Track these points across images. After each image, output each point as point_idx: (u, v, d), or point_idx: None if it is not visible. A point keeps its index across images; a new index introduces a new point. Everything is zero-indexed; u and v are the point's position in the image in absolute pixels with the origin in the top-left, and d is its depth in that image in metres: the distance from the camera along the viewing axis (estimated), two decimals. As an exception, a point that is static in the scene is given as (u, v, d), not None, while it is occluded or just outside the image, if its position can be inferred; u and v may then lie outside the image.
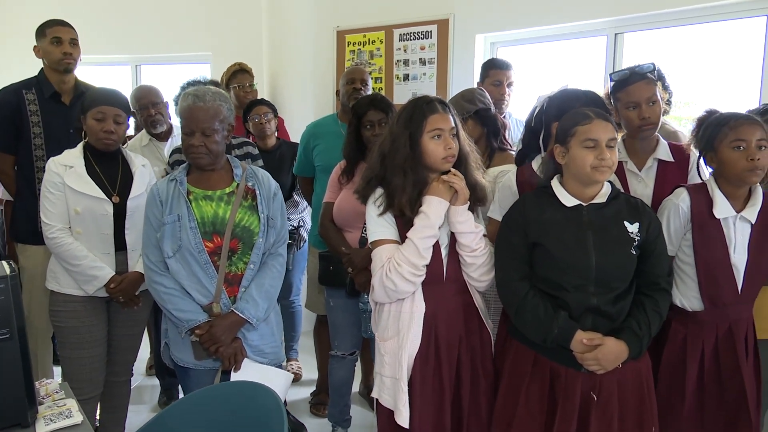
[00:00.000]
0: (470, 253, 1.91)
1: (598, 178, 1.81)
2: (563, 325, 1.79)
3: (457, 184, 1.88)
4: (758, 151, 1.87)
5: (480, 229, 1.93)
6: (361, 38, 4.32)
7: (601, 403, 1.79)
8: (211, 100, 2.09)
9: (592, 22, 3.33)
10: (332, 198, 2.60)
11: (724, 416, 1.99)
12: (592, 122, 1.80)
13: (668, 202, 1.99)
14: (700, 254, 1.95)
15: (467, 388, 1.94)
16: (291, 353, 3.73)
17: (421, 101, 1.95)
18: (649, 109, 2.11)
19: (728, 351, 1.98)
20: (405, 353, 1.90)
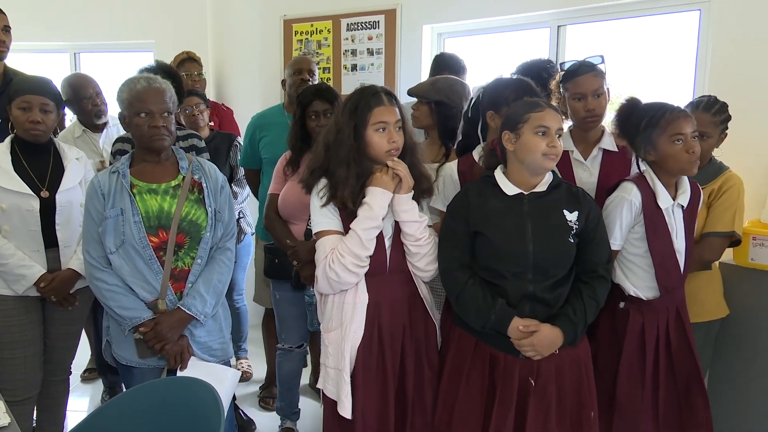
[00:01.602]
0: (415, 242, 1.92)
1: (548, 166, 1.85)
2: (501, 312, 1.83)
3: (401, 171, 1.89)
4: (694, 142, 1.95)
5: (424, 218, 1.94)
6: (308, 27, 4.27)
7: (539, 388, 1.84)
8: (163, 82, 2.07)
9: (536, 14, 3.39)
10: (277, 189, 2.57)
11: (679, 392, 2.07)
12: (544, 110, 1.84)
13: (618, 197, 2.02)
14: (653, 245, 2.02)
15: (411, 378, 1.95)
16: (240, 353, 3.68)
17: (367, 92, 1.93)
18: (594, 101, 2.16)
19: (678, 331, 2.07)
20: (348, 344, 1.90)
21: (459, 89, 2.43)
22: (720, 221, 2.22)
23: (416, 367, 1.96)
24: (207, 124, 3.36)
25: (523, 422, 1.83)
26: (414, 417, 1.95)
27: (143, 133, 2.03)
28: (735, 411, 2.42)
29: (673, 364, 2.06)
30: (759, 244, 2.31)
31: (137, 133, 2.05)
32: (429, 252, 1.94)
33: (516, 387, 1.84)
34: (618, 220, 2.01)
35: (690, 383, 2.07)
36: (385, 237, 1.93)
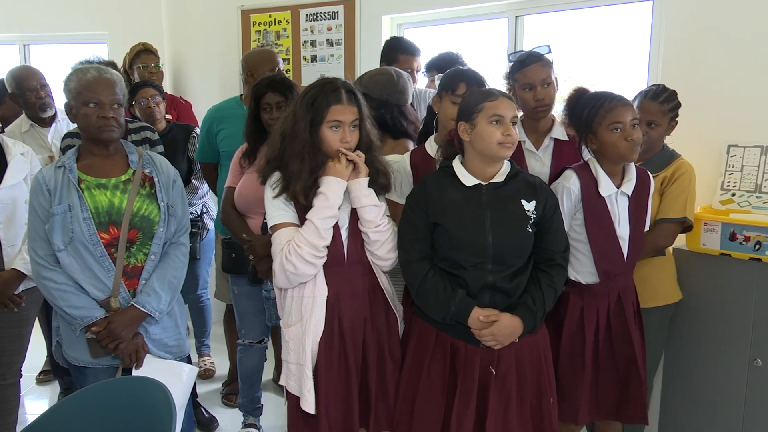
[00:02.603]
0: (374, 228, 1.89)
1: (504, 155, 1.85)
2: (461, 302, 1.84)
3: (355, 157, 1.87)
4: (633, 130, 1.98)
5: (383, 204, 1.93)
6: (266, 18, 4.21)
7: (500, 377, 1.85)
8: (114, 74, 2.02)
9: (494, 4, 3.39)
10: (234, 183, 2.53)
11: (618, 376, 2.11)
12: (498, 99, 1.85)
13: (558, 185, 2.05)
14: (591, 231, 2.04)
15: (374, 371, 1.94)
16: (203, 349, 3.63)
17: (328, 87, 1.89)
18: (543, 90, 2.17)
19: (619, 317, 2.10)
20: (309, 338, 1.88)
21: (380, 79, 2.40)
22: (672, 208, 2.26)
23: (378, 359, 1.95)
24: (164, 116, 3.28)
25: (485, 411, 1.84)
26: (377, 409, 1.94)
27: (91, 124, 1.97)
28: (689, 392, 2.48)
29: (613, 350, 2.10)
30: (710, 229, 2.36)
31: (84, 123, 1.98)
32: (389, 239, 1.93)
33: (477, 376, 1.85)
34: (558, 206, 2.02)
35: (629, 369, 2.11)
36: (341, 228, 1.91)
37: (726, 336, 2.37)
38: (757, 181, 2.50)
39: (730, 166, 2.57)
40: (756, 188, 2.50)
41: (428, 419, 1.88)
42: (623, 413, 2.13)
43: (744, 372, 2.34)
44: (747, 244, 2.28)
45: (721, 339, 2.39)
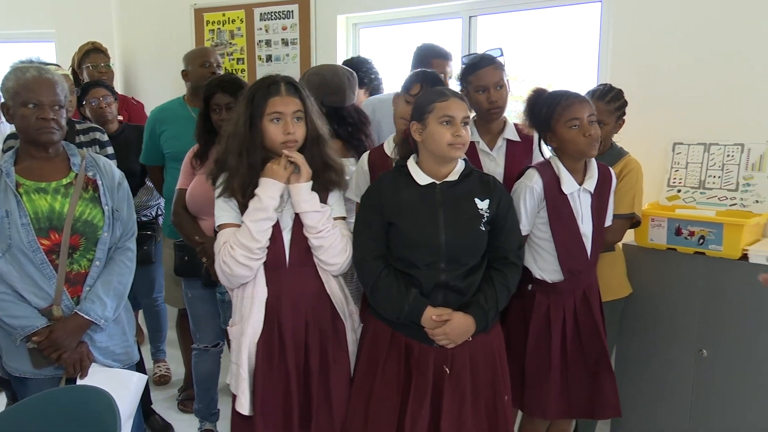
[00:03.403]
0: (316, 234, 1.86)
1: (454, 155, 1.85)
2: (414, 302, 1.83)
3: (297, 160, 1.84)
4: (590, 126, 2.01)
5: (326, 209, 1.89)
6: (220, 17, 4.15)
7: (454, 376, 1.85)
8: (55, 74, 1.96)
9: (448, 4, 3.41)
10: (185, 184, 2.49)
11: (588, 373, 2.14)
12: (448, 100, 1.85)
13: (521, 184, 2.06)
14: (555, 229, 2.07)
15: (316, 376, 1.90)
16: (159, 354, 3.55)
17: (266, 82, 1.89)
18: (496, 92, 2.20)
19: (586, 314, 2.13)
20: (246, 339, 1.87)
21: (314, 81, 2.34)
22: (621, 204, 2.30)
23: (322, 365, 1.91)
24: (116, 117, 3.20)
25: (439, 410, 1.84)
26: (319, 415, 1.91)
27: (30, 126, 1.90)
28: (640, 384, 2.53)
29: (582, 346, 2.13)
30: (657, 225, 2.42)
31: (23, 125, 1.91)
32: (333, 244, 1.89)
33: (431, 376, 1.85)
34: (522, 206, 2.05)
35: (599, 366, 2.14)
36: (283, 230, 1.89)
37: (674, 328, 2.43)
38: (700, 178, 2.57)
39: (676, 163, 2.64)
40: (700, 184, 2.57)
41: (383, 419, 1.87)
42: (597, 410, 2.16)
43: (691, 362, 2.40)
44: (691, 238, 2.34)
45: (669, 331, 2.44)
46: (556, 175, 2.06)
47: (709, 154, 2.57)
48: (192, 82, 2.99)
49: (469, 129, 1.87)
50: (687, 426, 2.44)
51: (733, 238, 2.25)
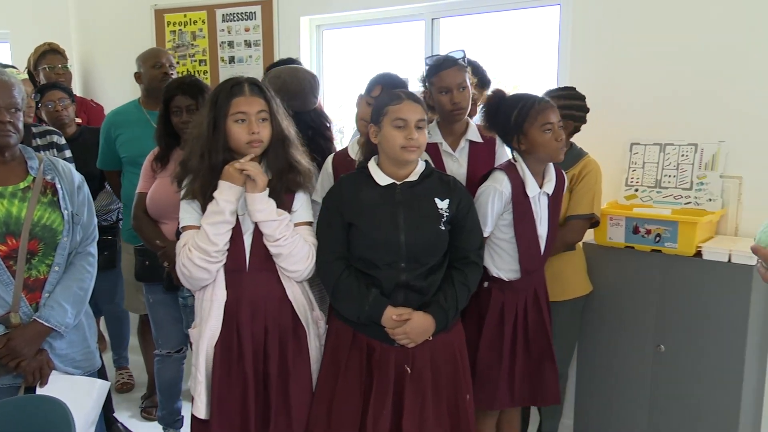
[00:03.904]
0: (273, 243, 1.85)
1: (407, 158, 1.87)
2: (374, 302, 1.85)
3: (249, 170, 1.81)
4: (560, 130, 2.07)
5: (284, 217, 1.86)
6: (181, 18, 4.10)
7: (415, 375, 1.87)
8: (12, 76, 1.91)
9: (411, 6, 3.43)
10: (145, 188, 2.46)
11: (533, 365, 2.21)
12: (402, 102, 1.86)
13: (490, 187, 2.08)
14: (519, 230, 2.11)
15: (275, 383, 1.88)
16: (121, 361, 3.49)
17: (230, 83, 1.89)
18: (459, 94, 2.22)
19: (536, 310, 2.19)
20: (204, 342, 1.86)
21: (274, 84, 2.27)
22: (580, 205, 2.36)
23: (281, 371, 1.89)
24: (73, 120, 3.14)
25: (401, 409, 1.85)
26: (277, 423, 1.89)
27: None
28: (601, 379, 2.60)
29: (528, 341, 2.19)
30: (615, 224, 2.48)
31: None
32: (293, 252, 1.87)
33: (392, 375, 1.87)
34: (489, 208, 2.08)
35: (543, 358, 2.21)
36: (244, 233, 1.88)
37: (633, 324, 2.50)
38: (657, 177, 2.65)
39: (633, 163, 2.71)
40: (656, 184, 2.64)
41: (345, 419, 1.88)
42: (538, 397, 2.23)
43: (649, 357, 2.47)
44: (648, 236, 2.41)
45: (628, 327, 2.51)
46: (520, 177, 2.10)
47: (664, 154, 2.65)
48: (145, 83, 2.96)
49: (426, 132, 1.88)
50: (647, 418, 2.50)
51: (687, 236, 2.32)
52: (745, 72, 2.50)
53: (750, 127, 2.48)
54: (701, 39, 2.58)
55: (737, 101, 2.51)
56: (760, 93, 2.46)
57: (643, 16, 2.71)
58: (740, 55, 2.50)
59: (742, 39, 2.49)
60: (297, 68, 2.54)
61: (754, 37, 2.46)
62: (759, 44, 2.45)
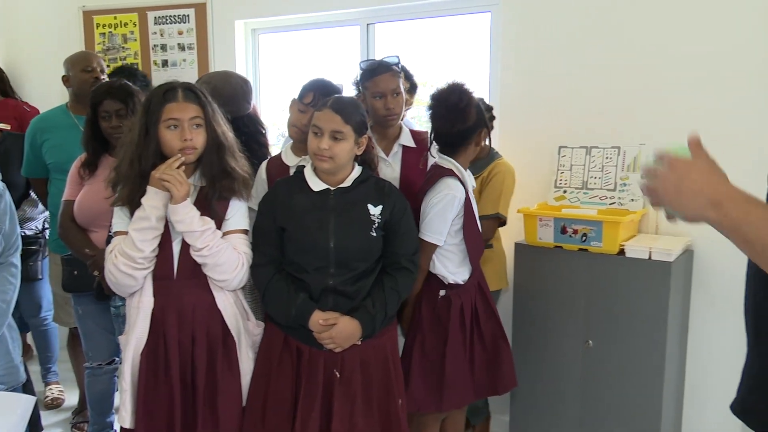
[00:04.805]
0: (197, 252, 1.82)
1: (319, 166, 1.89)
2: (302, 306, 1.86)
3: (168, 180, 1.77)
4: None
5: (208, 227, 1.82)
6: (111, 20, 3.99)
7: (344, 379, 1.88)
8: None
9: (346, 11, 3.45)
10: (72, 195, 2.39)
11: (490, 354, 2.26)
12: (321, 111, 1.88)
13: (447, 196, 2.10)
14: (467, 229, 2.16)
15: (202, 394, 1.84)
16: (50, 376, 3.37)
17: (163, 88, 1.86)
18: (393, 99, 2.26)
19: (482, 300, 2.25)
20: (130, 350, 1.83)
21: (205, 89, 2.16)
22: (487, 206, 2.48)
23: (208, 383, 1.86)
24: None
25: (331, 413, 1.86)
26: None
27: None
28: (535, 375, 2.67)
29: (482, 331, 2.24)
30: (545, 224, 2.56)
31: None
32: (220, 261, 1.83)
33: (321, 379, 1.87)
34: (447, 217, 2.11)
35: (498, 342, 2.27)
36: (174, 240, 1.86)
37: (563, 321, 2.58)
38: (583, 179, 2.75)
39: (561, 165, 2.81)
40: (583, 185, 2.75)
41: (277, 423, 1.87)
42: (499, 385, 2.28)
43: (579, 353, 2.56)
44: (575, 236, 2.50)
45: (558, 324, 2.59)
46: (460, 179, 2.15)
47: (590, 156, 2.76)
48: (74, 87, 2.88)
49: (343, 143, 1.85)
50: (578, 411, 2.60)
51: (611, 235, 2.42)
52: (662, 79, 2.63)
53: (667, 131, 2.61)
54: (624, 48, 2.70)
55: (656, 106, 2.64)
56: (676, 98, 2.60)
57: (571, 26, 2.81)
58: (658, 65, 2.63)
59: (660, 49, 2.62)
60: (228, 73, 2.52)
61: (671, 47, 2.60)
62: (674, 55, 2.59)
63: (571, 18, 2.81)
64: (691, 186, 0.97)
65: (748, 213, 0.92)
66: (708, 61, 2.53)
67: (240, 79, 2.43)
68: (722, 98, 2.52)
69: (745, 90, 2.48)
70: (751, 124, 2.47)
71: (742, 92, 2.49)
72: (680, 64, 2.59)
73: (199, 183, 1.90)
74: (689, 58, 2.57)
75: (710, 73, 2.54)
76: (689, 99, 2.58)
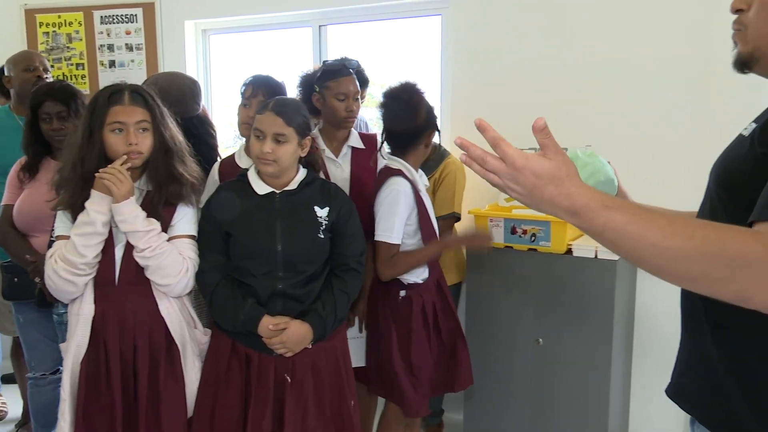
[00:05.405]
0: (140, 254, 1.78)
1: (262, 169, 1.87)
2: (250, 311, 1.83)
3: (108, 178, 1.72)
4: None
5: (152, 227, 1.79)
6: (55, 19, 3.87)
7: (296, 384, 1.86)
8: None
9: (298, 13, 3.43)
10: (11, 200, 2.32)
11: (448, 352, 2.27)
12: (263, 114, 1.86)
13: (394, 192, 2.10)
14: (423, 228, 2.17)
15: (144, 405, 1.80)
16: None
17: (109, 90, 1.81)
18: (354, 102, 2.27)
19: (440, 297, 2.26)
20: (69, 359, 1.78)
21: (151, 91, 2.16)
22: (444, 206, 2.53)
23: (151, 394, 1.80)
24: None
25: (283, 419, 1.83)
26: None
27: None
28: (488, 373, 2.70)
29: (440, 329, 2.26)
30: (495, 225, 2.59)
31: None
32: (163, 265, 1.79)
33: (272, 385, 1.84)
34: (397, 214, 2.10)
35: (455, 340, 2.28)
36: (116, 245, 1.81)
37: (514, 320, 2.62)
38: (533, 180, 2.79)
39: (512, 166, 2.84)
40: (533, 186, 2.79)
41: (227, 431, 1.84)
42: (455, 383, 2.28)
43: (529, 351, 2.60)
44: (525, 236, 2.54)
45: (510, 322, 2.63)
46: (410, 178, 2.16)
47: (539, 158, 2.80)
48: (16, 88, 2.78)
49: (286, 146, 1.83)
50: (530, 409, 2.64)
51: (558, 235, 2.47)
52: (607, 83, 2.70)
53: (612, 132, 2.68)
54: (571, 52, 2.76)
55: (601, 109, 2.71)
56: (619, 102, 2.68)
57: (520, 29, 2.86)
58: (603, 69, 2.70)
59: (606, 54, 2.69)
60: (175, 74, 2.48)
61: (616, 52, 2.67)
62: (619, 59, 2.66)
63: (520, 22, 2.85)
64: (542, 195, 0.91)
65: (609, 220, 0.88)
66: (647, 66, 2.62)
67: (188, 80, 2.40)
68: (661, 100, 2.60)
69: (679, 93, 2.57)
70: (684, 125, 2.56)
71: (676, 95, 2.57)
72: (623, 67, 2.66)
73: (146, 187, 1.86)
74: (631, 62, 2.65)
75: (649, 76, 2.62)
76: (631, 102, 2.66)
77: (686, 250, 0.85)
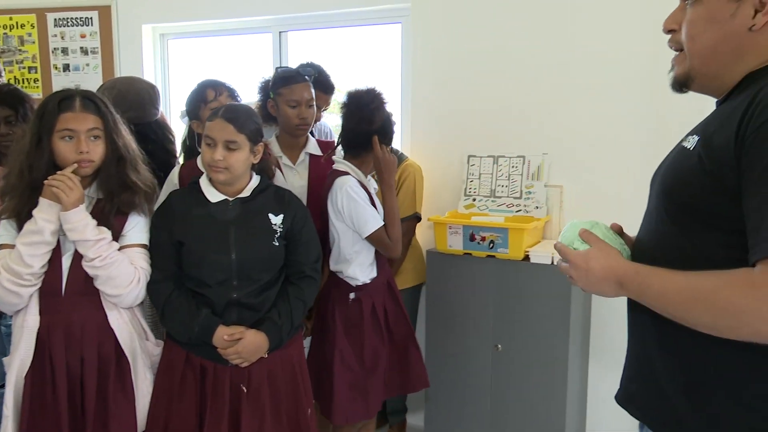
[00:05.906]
0: (89, 263, 1.73)
1: (213, 176, 1.85)
2: (204, 322, 1.80)
3: (57, 185, 1.67)
4: None
5: (103, 236, 1.74)
6: (7, 21, 3.77)
7: (252, 393, 1.83)
8: None
9: (258, 18, 3.41)
10: None
11: (400, 353, 2.28)
12: (212, 120, 1.84)
13: (345, 192, 2.10)
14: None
15: (92, 419, 1.74)
16: None
17: (59, 95, 1.75)
18: (307, 110, 2.25)
19: (391, 299, 2.27)
20: (13, 372, 1.72)
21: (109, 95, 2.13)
22: (405, 207, 2.57)
23: (99, 409, 1.75)
24: None
25: (239, 429, 1.80)
26: None
27: None
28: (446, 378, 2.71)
29: (392, 331, 2.26)
30: (454, 232, 2.61)
31: None
32: (113, 275, 1.73)
33: (227, 396, 1.81)
34: (362, 204, 2.11)
35: (407, 344, 2.29)
36: (64, 254, 1.76)
37: (473, 326, 2.64)
38: (492, 187, 2.83)
39: (471, 174, 2.88)
40: (491, 193, 2.82)
41: None
42: (409, 384, 2.30)
43: (488, 356, 2.62)
44: (483, 243, 2.56)
45: (469, 329, 2.65)
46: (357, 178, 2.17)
47: (497, 165, 2.84)
48: None
49: (238, 153, 1.81)
50: (489, 413, 2.65)
51: (516, 242, 2.50)
52: (564, 92, 2.74)
53: (568, 141, 2.72)
54: (529, 61, 2.80)
55: (558, 118, 2.75)
56: (576, 111, 2.72)
57: (479, 37, 2.88)
58: (560, 78, 2.74)
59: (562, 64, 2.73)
60: (133, 78, 2.44)
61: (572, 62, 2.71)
62: (575, 69, 2.70)
63: (479, 29, 2.88)
64: (595, 277, 1.16)
65: (649, 287, 1.06)
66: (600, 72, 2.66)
67: (147, 85, 2.36)
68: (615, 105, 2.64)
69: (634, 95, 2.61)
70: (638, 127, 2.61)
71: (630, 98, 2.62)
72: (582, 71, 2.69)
73: (96, 195, 1.81)
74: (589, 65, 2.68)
75: (603, 83, 2.66)
76: (586, 109, 2.70)
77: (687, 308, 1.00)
